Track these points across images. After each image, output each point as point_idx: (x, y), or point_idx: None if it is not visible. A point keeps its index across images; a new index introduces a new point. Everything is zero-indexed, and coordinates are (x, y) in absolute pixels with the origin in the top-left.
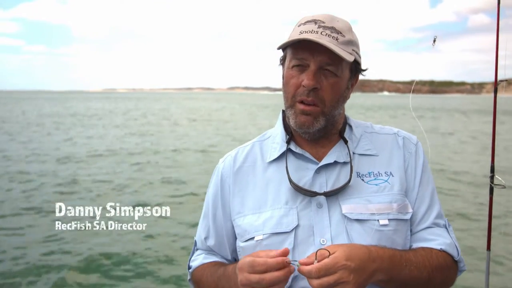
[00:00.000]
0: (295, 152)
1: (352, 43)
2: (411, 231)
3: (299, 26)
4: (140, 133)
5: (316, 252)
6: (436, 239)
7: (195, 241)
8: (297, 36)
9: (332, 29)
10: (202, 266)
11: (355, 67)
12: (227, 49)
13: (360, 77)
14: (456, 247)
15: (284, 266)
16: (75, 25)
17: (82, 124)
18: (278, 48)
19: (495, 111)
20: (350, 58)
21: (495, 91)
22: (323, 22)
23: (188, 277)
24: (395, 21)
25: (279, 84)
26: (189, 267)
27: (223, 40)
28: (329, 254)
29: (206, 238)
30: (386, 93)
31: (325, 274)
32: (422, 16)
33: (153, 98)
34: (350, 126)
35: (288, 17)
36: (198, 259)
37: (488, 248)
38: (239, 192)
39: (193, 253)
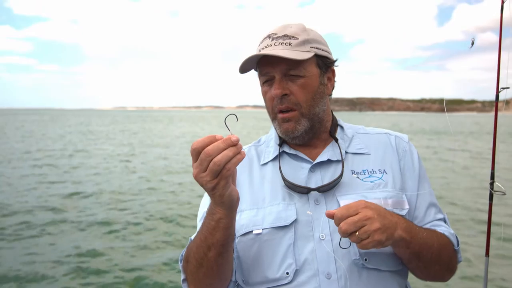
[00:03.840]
0: (289, 153)
1: (308, 42)
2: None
3: (258, 45)
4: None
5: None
6: (439, 227)
7: (190, 239)
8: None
9: (285, 36)
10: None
11: (323, 62)
12: (236, 68)
13: (371, 95)
14: (456, 237)
15: (217, 138)
16: (87, 44)
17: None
18: (241, 73)
19: (496, 120)
20: (304, 56)
21: (496, 99)
22: (276, 34)
23: (182, 277)
24: (402, 40)
25: None
26: (181, 260)
27: (232, 59)
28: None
29: None
30: (394, 112)
31: (347, 214)
32: (430, 35)
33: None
34: (342, 127)
35: None
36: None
37: (487, 254)
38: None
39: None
